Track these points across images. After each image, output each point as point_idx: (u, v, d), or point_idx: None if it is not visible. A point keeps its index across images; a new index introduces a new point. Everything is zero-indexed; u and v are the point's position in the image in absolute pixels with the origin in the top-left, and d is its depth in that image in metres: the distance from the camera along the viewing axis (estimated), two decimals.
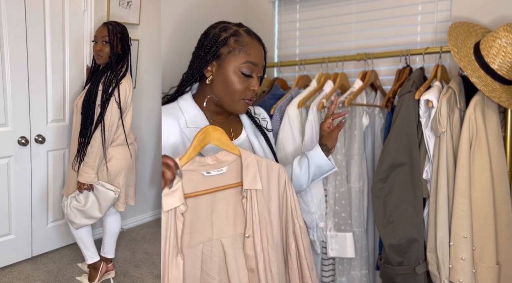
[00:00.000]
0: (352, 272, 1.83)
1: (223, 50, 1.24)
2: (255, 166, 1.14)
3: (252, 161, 1.14)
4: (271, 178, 1.18)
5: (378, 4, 2.17)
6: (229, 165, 1.13)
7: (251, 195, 1.13)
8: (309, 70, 2.21)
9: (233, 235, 1.13)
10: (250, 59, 1.23)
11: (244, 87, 1.24)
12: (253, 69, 1.24)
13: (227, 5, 2.46)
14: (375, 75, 1.97)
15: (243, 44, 1.25)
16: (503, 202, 1.50)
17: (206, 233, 1.10)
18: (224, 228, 1.12)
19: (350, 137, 1.82)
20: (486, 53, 1.54)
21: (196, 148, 1.09)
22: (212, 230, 1.11)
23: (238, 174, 1.14)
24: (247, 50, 1.24)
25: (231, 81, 1.23)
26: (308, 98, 1.89)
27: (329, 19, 2.33)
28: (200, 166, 1.10)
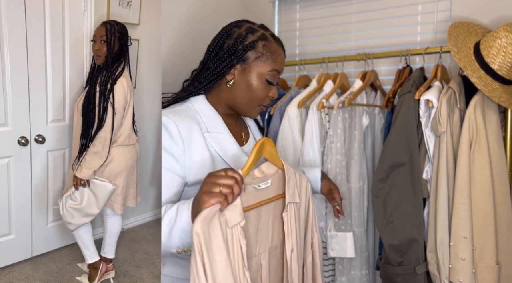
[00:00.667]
0: (352, 272, 1.83)
1: (250, 55, 1.17)
2: (294, 178, 1.14)
3: (292, 174, 1.13)
4: (301, 190, 1.17)
5: (378, 4, 2.17)
6: (272, 178, 1.11)
7: (290, 208, 1.11)
8: (309, 70, 2.21)
9: (270, 247, 1.10)
10: (276, 67, 1.18)
11: (265, 95, 1.19)
12: (277, 77, 1.20)
13: (227, 5, 2.46)
14: (375, 75, 1.97)
15: (272, 50, 1.18)
16: (503, 202, 1.50)
17: (255, 247, 1.06)
18: (264, 241, 1.09)
19: (350, 137, 1.82)
20: (486, 53, 1.53)
21: (254, 160, 1.04)
22: (261, 242, 1.08)
23: (279, 186, 1.12)
24: (275, 57, 1.18)
25: (255, 88, 1.17)
26: (308, 98, 1.89)
27: (329, 19, 2.33)
28: (252, 179, 1.06)
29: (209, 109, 1.20)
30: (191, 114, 1.17)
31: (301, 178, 1.18)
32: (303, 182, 1.19)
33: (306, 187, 1.19)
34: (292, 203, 1.11)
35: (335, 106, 1.76)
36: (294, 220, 1.12)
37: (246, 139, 1.29)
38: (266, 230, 1.09)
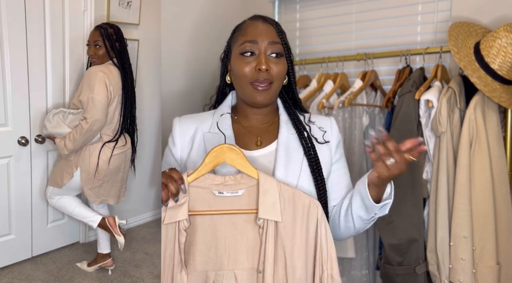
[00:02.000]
0: (352, 272, 1.83)
1: (231, 46, 1.17)
2: (275, 193, 1.00)
3: (273, 188, 1.00)
4: (297, 211, 1.01)
5: (378, 4, 2.17)
6: (248, 189, 1.02)
7: (267, 225, 0.99)
8: (309, 70, 2.20)
9: (249, 268, 1.01)
10: (246, 38, 1.11)
11: (250, 69, 1.09)
12: (253, 46, 1.10)
13: (227, 5, 2.46)
14: (375, 75, 1.97)
15: (243, 28, 1.16)
16: (503, 202, 1.50)
17: (217, 260, 1.01)
18: (238, 258, 1.01)
19: (350, 137, 1.82)
20: (486, 53, 1.53)
21: (207, 165, 1.01)
22: (224, 257, 1.01)
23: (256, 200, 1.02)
24: (245, 30, 1.14)
25: (237, 68, 1.12)
26: (308, 98, 1.89)
27: (329, 19, 2.33)
28: (213, 185, 1.01)
29: (225, 109, 1.19)
30: (204, 116, 1.19)
31: (299, 196, 1.02)
32: (302, 201, 1.02)
33: (308, 208, 1.02)
34: (271, 221, 0.99)
35: (335, 106, 1.76)
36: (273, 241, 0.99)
37: (267, 143, 1.15)
38: (240, 246, 1.00)
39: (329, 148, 1.17)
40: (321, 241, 1.02)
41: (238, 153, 1.01)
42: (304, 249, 1.02)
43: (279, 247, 1.00)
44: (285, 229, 1.00)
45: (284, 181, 1.05)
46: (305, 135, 1.14)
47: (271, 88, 1.10)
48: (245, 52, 1.10)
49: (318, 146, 1.14)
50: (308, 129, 1.16)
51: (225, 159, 1.01)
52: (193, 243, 1.00)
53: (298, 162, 1.10)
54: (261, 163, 1.10)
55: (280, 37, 1.13)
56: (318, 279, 1.02)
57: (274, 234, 0.99)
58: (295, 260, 1.00)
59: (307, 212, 1.02)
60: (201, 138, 1.14)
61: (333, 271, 1.02)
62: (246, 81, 1.10)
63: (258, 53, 1.10)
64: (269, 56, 1.10)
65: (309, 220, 1.02)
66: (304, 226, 1.02)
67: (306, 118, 1.20)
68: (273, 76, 1.10)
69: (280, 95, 1.21)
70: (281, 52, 1.13)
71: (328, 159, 1.15)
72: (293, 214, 1.01)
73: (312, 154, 1.11)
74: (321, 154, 1.13)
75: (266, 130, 1.17)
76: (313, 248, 1.03)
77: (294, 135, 1.14)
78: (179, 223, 0.98)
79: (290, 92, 1.22)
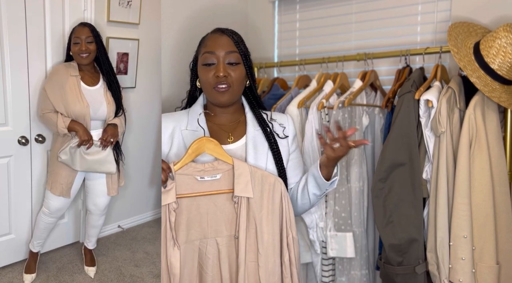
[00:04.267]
0: (352, 272, 1.83)
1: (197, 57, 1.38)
2: (247, 175, 1.24)
3: (245, 171, 1.25)
4: (264, 188, 1.26)
5: (378, 4, 2.17)
6: (224, 173, 1.26)
7: (240, 201, 1.24)
8: (309, 70, 2.21)
9: (228, 235, 1.26)
10: (206, 50, 1.31)
11: (210, 76, 1.29)
12: (211, 57, 1.29)
13: (227, 5, 2.46)
14: (375, 75, 1.97)
15: (204, 41, 1.36)
16: (503, 202, 1.50)
17: (201, 231, 1.25)
18: (219, 228, 1.26)
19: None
20: (486, 53, 1.54)
21: (190, 155, 1.23)
22: (207, 229, 1.26)
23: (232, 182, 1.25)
24: (206, 43, 1.34)
25: (200, 76, 1.33)
26: (308, 98, 1.89)
27: (329, 19, 2.33)
28: (196, 171, 1.24)
29: (198, 109, 1.37)
30: (178, 116, 1.38)
31: (266, 176, 1.27)
32: (268, 180, 1.27)
33: (273, 185, 1.27)
34: (244, 197, 1.23)
35: (335, 107, 1.76)
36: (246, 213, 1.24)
37: (235, 140, 1.36)
38: (219, 218, 1.25)
39: (287, 141, 1.40)
40: (285, 210, 1.28)
41: (216, 143, 1.25)
42: (271, 218, 1.26)
43: (250, 218, 1.25)
44: (255, 203, 1.25)
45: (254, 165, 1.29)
46: (268, 131, 1.36)
47: (229, 90, 1.30)
48: (206, 63, 1.30)
49: (279, 139, 1.38)
50: (271, 126, 1.38)
51: (205, 149, 1.24)
52: (181, 220, 1.24)
53: (264, 154, 1.34)
54: (234, 154, 1.31)
55: (237, 47, 1.32)
56: (285, 242, 1.28)
57: (246, 207, 1.24)
58: (263, 227, 1.25)
59: (273, 188, 1.27)
60: (180, 135, 1.33)
61: (294, 233, 1.29)
62: (210, 86, 1.30)
63: (217, 62, 1.29)
64: (227, 65, 1.30)
65: (274, 194, 1.27)
66: (270, 200, 1.27)
67: (269, 116, 1.42)
68: (232, 81, 1.29)
69: (245, 96, 1.43)
70: (238, 60, 1.32)
71: (286, 149, 1.39)
72: (261, 191, 1.26)
73: (275, 148, 1.35)
74: (281, 145, 1.37)
75: (236, 127, 1.38)
76: (279, 217, 1.28)
77: (259, 132, 1.36)
78: (169, 205, 1.21)
79: (251, 93, 1.42)
